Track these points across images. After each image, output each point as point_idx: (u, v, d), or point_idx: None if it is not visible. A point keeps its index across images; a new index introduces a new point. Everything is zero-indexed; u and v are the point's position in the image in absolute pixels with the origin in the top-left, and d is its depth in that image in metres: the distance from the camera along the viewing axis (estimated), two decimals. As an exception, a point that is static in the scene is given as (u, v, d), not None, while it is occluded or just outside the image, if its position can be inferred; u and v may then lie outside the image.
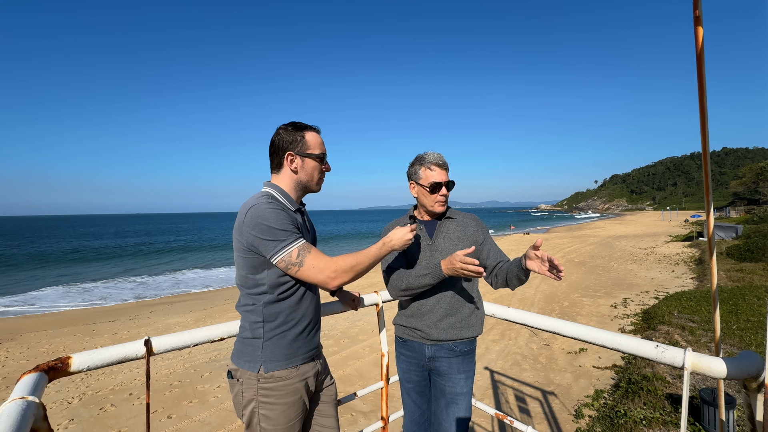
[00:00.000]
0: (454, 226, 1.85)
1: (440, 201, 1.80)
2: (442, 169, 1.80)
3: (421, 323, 1.80)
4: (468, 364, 1.81)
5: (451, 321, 1.78)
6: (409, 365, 1.86)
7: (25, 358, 7.32)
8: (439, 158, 1.80)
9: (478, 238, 1.85)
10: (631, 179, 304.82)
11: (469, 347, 1.82)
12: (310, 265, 1.34)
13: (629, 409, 3.82)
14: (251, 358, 1.38)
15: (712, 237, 1.36)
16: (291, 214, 1.40)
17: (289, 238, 1.33)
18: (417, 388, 1.86)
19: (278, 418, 1.37)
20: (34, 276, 22.86)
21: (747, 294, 8.03)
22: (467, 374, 1.80)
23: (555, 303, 9.39)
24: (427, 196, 1.81)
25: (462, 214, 1.92)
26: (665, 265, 14.60)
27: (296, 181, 1.49)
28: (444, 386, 1.78)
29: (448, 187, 1.80)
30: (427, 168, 1.79)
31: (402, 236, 1.47)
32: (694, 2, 1.15)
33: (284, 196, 1.46)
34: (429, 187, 1.78)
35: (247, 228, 1.33)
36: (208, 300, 13.53)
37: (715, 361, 1.15)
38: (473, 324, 1.82)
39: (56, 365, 1.13)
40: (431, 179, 1.77)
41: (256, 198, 1.39)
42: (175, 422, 4.46)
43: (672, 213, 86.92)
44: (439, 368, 1.79)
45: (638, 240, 26.15)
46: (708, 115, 1.24)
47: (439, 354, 1.79)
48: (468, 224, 1.87)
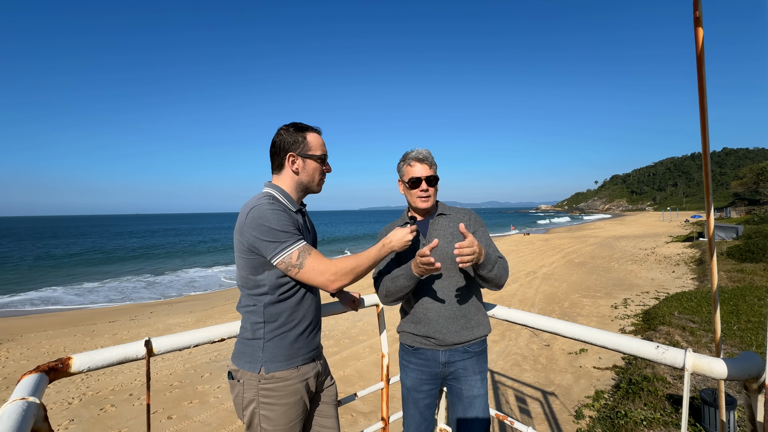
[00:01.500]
0: (447, 222, 1.79)
1: (421, 196, 1.74)
2: (423, 163, 1.73)
3: (433, 330, 1.71)
4: (482, 364, 1.76)
5: (462, 323, 1.71)
6: (421, 374, 1.77)
7: (25, 358, 7.32)
8: (419, 153, 1.75)
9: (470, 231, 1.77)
10: (631, 180, 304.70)
11: (482, 347, 1.77)
12: (310, 268, 1.33)
13: (630, 410, 3.82)
14: (252, 358, 1.38)
15: (713, 237, 1.36)
16: (292, 215, 1.40)
17: (290, 240, 1.33)
18: (427, 399, 1.79)
19: (279, 419, 1.37)
20: (35, 277, 22.87)
21: (747, 294, 8.02)
22: (482, 375, 1.75)
23: (555, 303, 9.38)
24: (409, 193, 1.78)
25: (456, 209, 1.86)
26: (666, 266, 14.58)
27: (297, 182, 1.49)
28: (461, 390, 1.72)
29: (429, 182, 1.73)
30: (407, 164, 1.75)
31: (402, 237, 1.45)
32: (694, 3, 1.15)
33: (285, 196, 1.45)
34: (408, 183, 1.74)
35: (248, 229, 1.32)
36: (208, 300, 13.53)
37: (715, 362, 1.15)
38: (482, 322, 1.77)
39: (57, 366, 1.13)
40: (410, 174, 1.73)
41: (258, 198, 1.38)
42: (176, 423, 4.46)
43: (672, 213, 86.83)
44: (455, 372, 1.73)
45: (639, 240, 26.12)
46: (708, 116, 1.24)
47: (453, 358, 1.72)
48: (461, 219, 1.81)
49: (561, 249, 22.20)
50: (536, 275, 13.45)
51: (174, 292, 16.69)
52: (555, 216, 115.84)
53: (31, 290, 18.15)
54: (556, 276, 13.20)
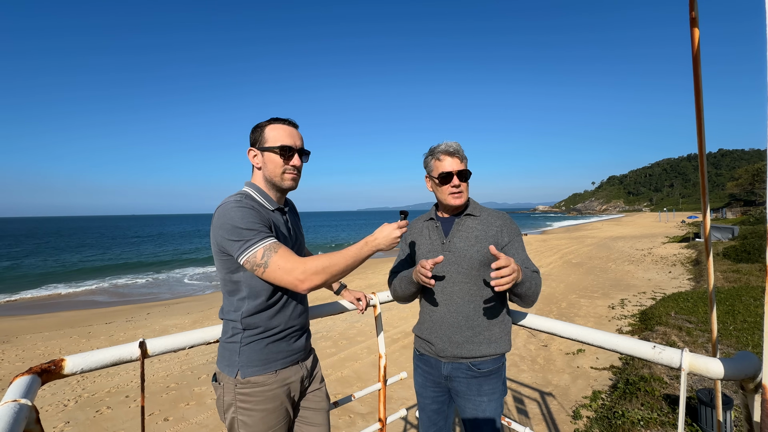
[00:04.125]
0: (475, 224, 1.63)
1: (453, 193, 1.60)
2: (453, 157, 1.59)
3: (434, 336, 1.61)
4: (493, 385, 1.57)
5: (468, 335, 1.55)
6: (426, 380, 1.70)
7: (20, 360, 7.27)
8: (449, 146, 1.60)
9: (500, 240, 1.60)
10: (628, 180, 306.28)
11: (493, 366, 1.57)
12: (276, 266, 1.22)
13: (627, 410, 3.83)
14: (229, 362, 1.33)
15: (709, 238, 1.36)
16: (263, 213, 1.33)
17: (255, 238, 1.24)
18: (433, 405, 1.70)
19: (257, 425, 1.32)
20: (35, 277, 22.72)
21: (744, 295, 8.06)
22: (491, 397, 1.56)
23: (553, 304, 9.40)
24: (439, 189, 1.65)
25: (489, 211, 1.69)
26: (662, 266, 14.64)
27: (265, 178, 1.42)
28: (464, 408, 1.59)
29: (460, 176, 1.59)
30: (436, 158, 1.62)
31: (388, 234, 1.31)
32: (690, 4, 1.15)
33: (261, 194, 1.40)
34: (438, 179, 1.61)
35: (215, 228, 1.27)
36: (206, 302, 13.48)
37: (711, 362, 1.15)
38: (496, 338, 1.57)
39: (49, 368, 1.11)
40: (440, 169, 1.60)
41: (228, 197, 1.33)
42: (172, 425, 4.43)
43: (669, 214, 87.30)
44: (457, 389, 1.60)
45: (635, 241, 26.22)
46: (704, 117, 1.25)
47: (456, 373, 1.58)
48: (492, 223, 1.63)
49: (559, 249, 22.26)
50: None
51: (171, 294, 16.61)
52: (563, 218, 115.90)
53: (30, 289, 18.09)
54: (553, 276, 13.22)
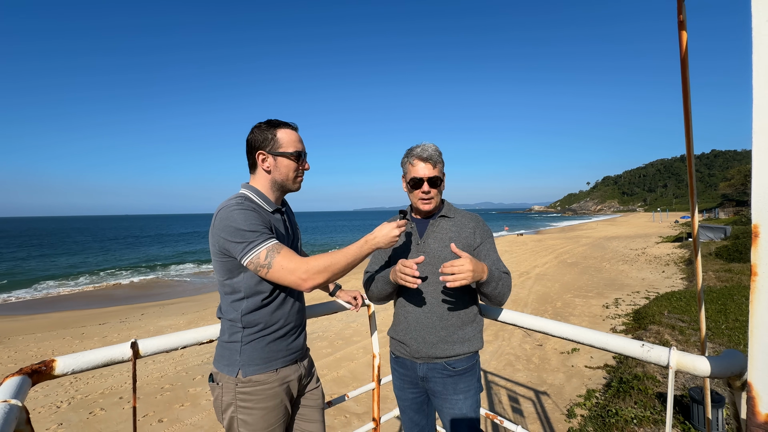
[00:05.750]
0: (449, 225, 1.65)
1: (423, 198, 1.61)
2: (426, 162, 1.58)
3: (408, 337, 1.62)
4: (468, 382, 1.60)
5: (442, 335, 1.57)
6: (403, 383, 1.71)
7: (12, 361, 7.19)
8: (424, 150, 1.60)
9: (472, 242, 1.63)
10: (622, 181, 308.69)
11: (467, 364, 1.61)
12: (279, 267, 1.26)
13: (620, 408, 3.86)
14: (229, 362, 1.34)
15: (697, 237, 1.38)
16: (263, 215, 1.35)
17: (258, 239, 1.27)
18: (413, 405, 1.72)
19: (257, 423, 1.34)
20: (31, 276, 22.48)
21: (735, 294, 8.15)
22: (467, 394, 1.59)
23: (548, 304, 9.45)
24: (411, 193, 1.66)
25: (462, 213, 1.71)
26: (656, 266, 14.77)
27: (271, 181, 1.44)
28: (441, 407, 1.62)
29: (431, 183, 1.59)
30: (410, 162, 1.62)
31: (387, 233, 1.35)
32: (678, 7, 1.17)
33: (260, 196, 1.41)
34: (410, 183, 1.62)
35: (216, 231, 1.29)
36: (200, 302, 13.41)
37: (699, 360, 1.16)
38: (469, 337, 1.61)
39: (40, 368, 1.11)
40: (412, 174, 1.61)
41: (228, 200, 1.34)
42: (167, 426, 4.41)
43: (662, 214, 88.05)
44: (433, 389, 1.63)
45: (629, 241, 26.42)
46: (692, 119, 1.27)
47: (431, 374, 1.60)
48: (465, 225, 1.65)
49: (554, 249, 22.37)
50: (529, 275, 13.54)
51: (166, 294, 16.50)
52: (559, 218, 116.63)
53: (23, 289, 17.91)
54: (548, 276, 13.29)
